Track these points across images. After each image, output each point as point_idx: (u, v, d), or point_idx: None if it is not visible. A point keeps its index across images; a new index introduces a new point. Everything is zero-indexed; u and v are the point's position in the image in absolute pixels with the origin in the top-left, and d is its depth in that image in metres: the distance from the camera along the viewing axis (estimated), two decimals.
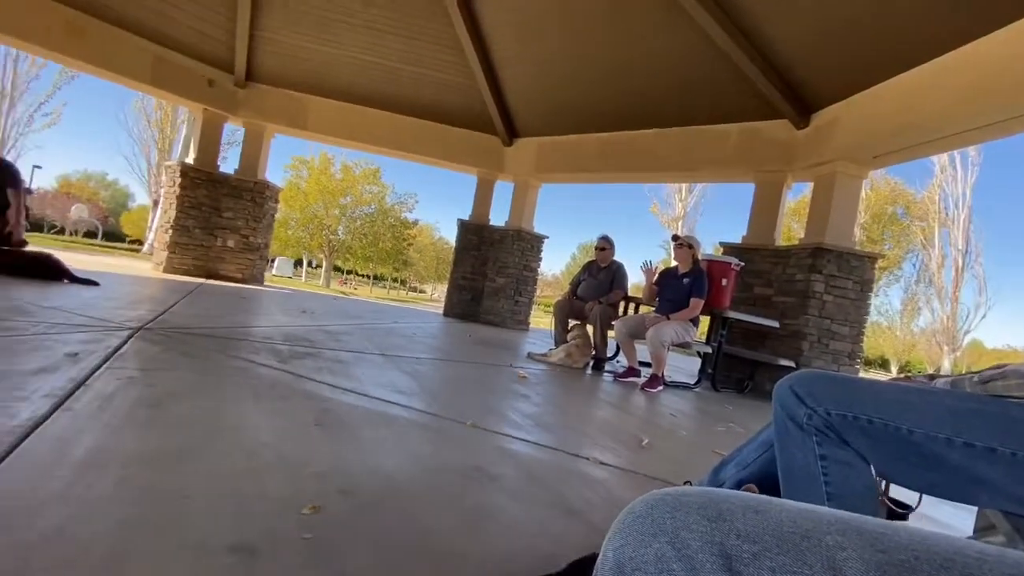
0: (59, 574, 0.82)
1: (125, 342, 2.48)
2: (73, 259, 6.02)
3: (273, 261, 31.41)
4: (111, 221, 39.23)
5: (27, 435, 1.28)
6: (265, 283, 8.67)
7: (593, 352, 4.72)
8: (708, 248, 5.54)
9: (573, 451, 1.97)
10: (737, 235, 5.80)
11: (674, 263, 4.59)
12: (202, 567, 0.90)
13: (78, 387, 1.71)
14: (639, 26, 5.65)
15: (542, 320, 10.15)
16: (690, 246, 4.40)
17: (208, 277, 7.47)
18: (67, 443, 1.28)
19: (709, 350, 4.71)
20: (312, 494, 1.23)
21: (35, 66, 23.86)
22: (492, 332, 6.73)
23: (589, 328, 4.86)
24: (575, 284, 5.29)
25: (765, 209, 5.67)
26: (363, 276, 48.61)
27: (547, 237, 8.34)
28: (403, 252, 31.13)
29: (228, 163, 8.40)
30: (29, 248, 4.63)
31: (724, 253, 5.37)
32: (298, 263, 37.56)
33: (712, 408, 3.83)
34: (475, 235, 8.24)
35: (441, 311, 8.76)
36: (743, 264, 5.01)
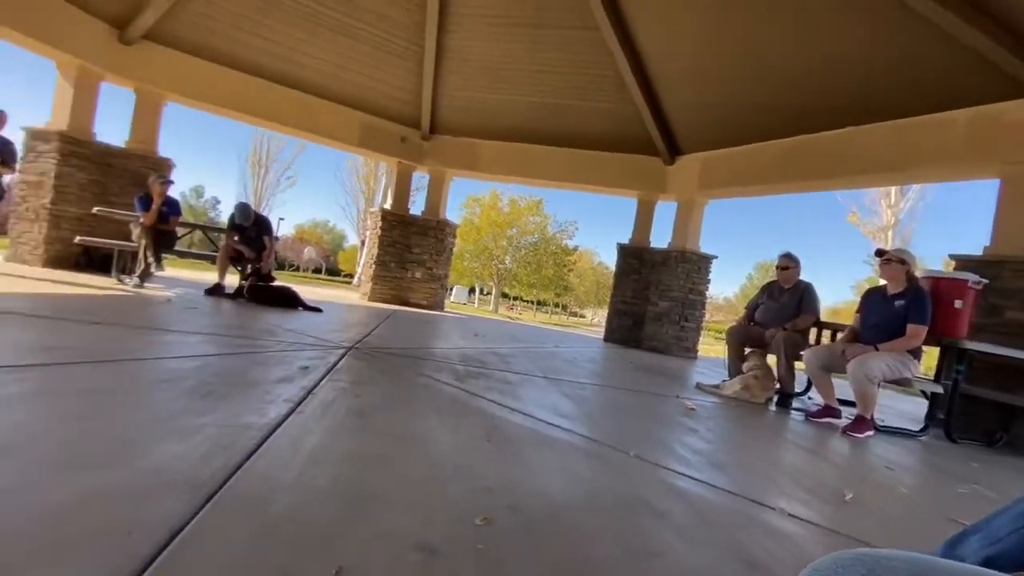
0: (289, 548, 1.02)
1: (340, 359, 3.00)
2: (305, 291, 7.55)
3: (451, 289, 35.05)
4: (331, 259, 48.32)
5: (272, 432, 1.63)
6: (445, 309, 9.70)
7: (777, 386, 4.16)
8: (936, 264, 4.49)
9: (754, 497, 1.75)
10: (970, 245, 4.60)
11: (882, 282, 3.83)
12: (393, 558, 1.03)
13: (307, 395, 2.12)
14: (819, 15, 5.02)
15: (712, 348, 9.32)
16: (902, 261, 3.63)
17: (401, 304, 8.65)
18: (298, 441, 1.59)
19: (940, 390, 3.77)
20: (484, 506, 1.32)
21: (279, 141, 31.38)
22: (655, 359, 6.43)
23: (771, 358, 4.31)
24: (752, 308, 4.77)
25: (1020, 210, 4.41)
26: (527, 302, 50.87)
27: (715, 257, 7.73)
28: (564, 278, 31.92)
29: (416, 205, 9.73)
30: (276, 283, 5.94)
31: (956, 268, 4.31)
32: (472, 291, 41.18)
33: (948, 464, 3.04)
34: (635, 258, 8.05)
35: (601, 336, 8.68)
36: (986, 282, 3.94)
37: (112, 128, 6.89)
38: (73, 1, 5.88)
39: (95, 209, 6.11)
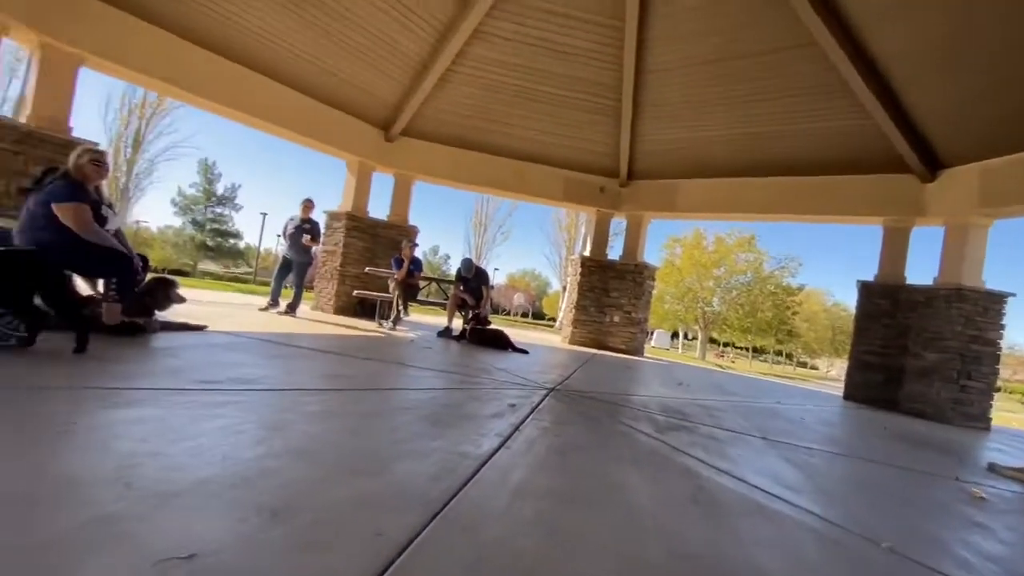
0: (502, 573, 1.12)
1: (543, 399, 3.19)
2: (514, 333, 8.25)
3: (652, 334, 33.80)
4: (537, 304, 51.91)
5: (484, 462, 1.82)
6: (645, 354, 9.41)
7: None
8: None
9: None
10: None
11: None
12: None
13: (514, 431, 2.31)
14: None
15: (1016, 416, 6.88)
16: None
17: (600, 348, 8.73)
18: (507, 473, 1.75)
19: None
20: (687, 572, 1.23)
21: (496, 203, 36.07)
22: (920, 427, 5.04)
23: None
24: None
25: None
26: (741, 349, 45.69)
27: (1011, 295, 5.81)
28: (786, 322, 27.75)
29: (615, 250, 9.86)
30: (491, 326, 6.65)
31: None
32: (674, 335, 39.00)
33: None
34: (885, 298, 6.58)
35: (840, 393, 7.22)
36: None
37: (375, 205, 8.90)
38: (358, 116, 7.91)
39: (366, 269, 7.90)
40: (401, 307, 6.75)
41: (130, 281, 3.30)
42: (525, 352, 6.07)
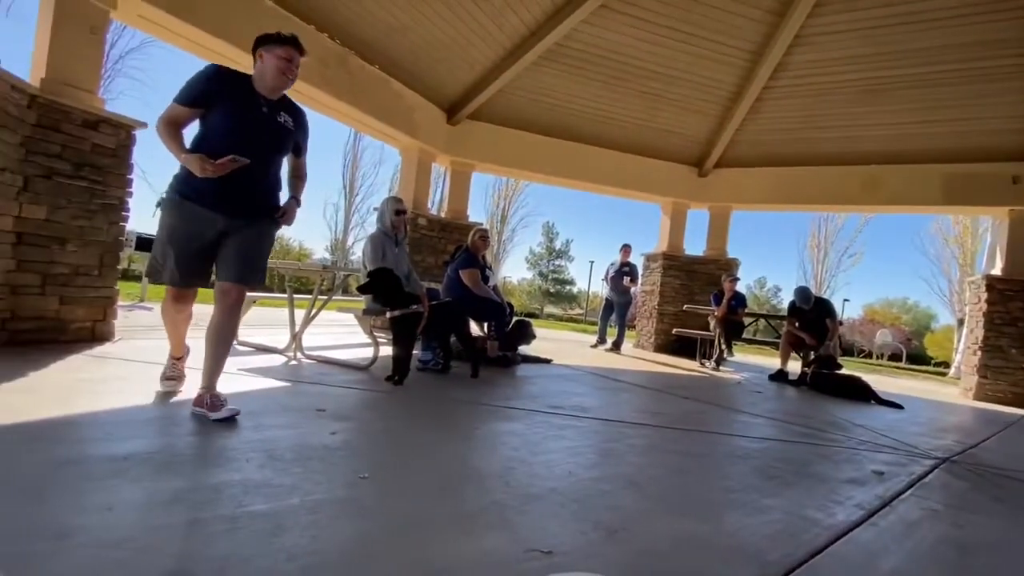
0: None
1: (930, 471, 2.42)
2: (878, 381, 6.52)
3: None
4: (914, 344, 39.35)
5: (840, 536, 1.52)
6: None
7: None
8: None
9: None
10: None
11: None
12: None
13: (884, 505, 1.85)
14: None
15: None
16: None
17: None
18: (874, 557, 1.42)
19: None
20: None
21: (838, 221, 29.82)
22: None
23: None
24: None
25: None
26: None
27: None
28: None
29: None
30: (842, 370, 5.47)
31: None
32: None
33: None
34: None
35: None
36: None
37: (692, 241, 8.77)
38: (670, 159, 8.15)
39: (685, 306, 7.84)
40: (723, 346, 6.33)
41: (503, 323, 4.33)
42: (898, 407, 4.70)
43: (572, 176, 7.89)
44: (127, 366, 2.77)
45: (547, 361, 4.85)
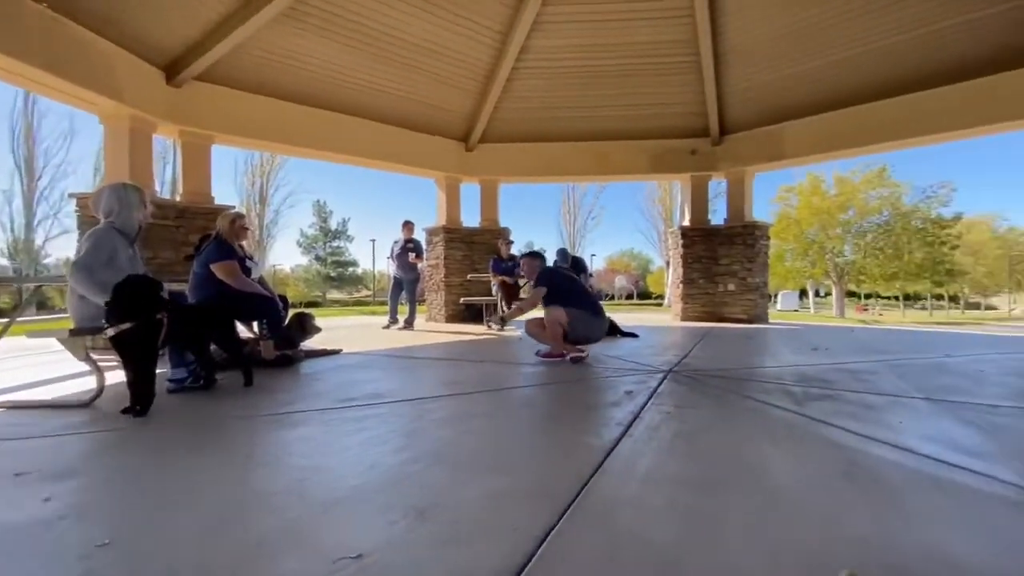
0: (636, 568, 1.12)
1: (661, 383, 3.09)
2: (620, 317, 8.05)
3: (775, 297, 30.90)
4: (641, 284, 50.03)
5: (608, 452, 1.82)
6: (770, 320, 8.65)
7: None
8: None
9: None
10: None
11: None
12: None
13: (635, 418, 2.27)
14: None
15: None
16: None
17: (717, 321, 8.21)
18: (631, 463, 1.73)
19: None
20: (849, 559, 1.13)
21: (582, 189, 35.60)
22: None
23: None
24: None
25: None
26: (888, 299, 40.10)
27: None
28: (943, 260, 23.70)
29: (717, 214, 9.20)
30: None
31: None
32: (803, 295, 35.30)
33: None
34: None
35: None
36: None
37: (468, 214, 9.22)
38: (439, 133, 8.28)
39: (469, 276, 8.26)
40: (505, 307, 6.93)
41: (277, 319, 3.81)
42: (635, 336, 5.90)
43: (334, 149, 7.36)
44: None
45: (336, 352, 4.51)
